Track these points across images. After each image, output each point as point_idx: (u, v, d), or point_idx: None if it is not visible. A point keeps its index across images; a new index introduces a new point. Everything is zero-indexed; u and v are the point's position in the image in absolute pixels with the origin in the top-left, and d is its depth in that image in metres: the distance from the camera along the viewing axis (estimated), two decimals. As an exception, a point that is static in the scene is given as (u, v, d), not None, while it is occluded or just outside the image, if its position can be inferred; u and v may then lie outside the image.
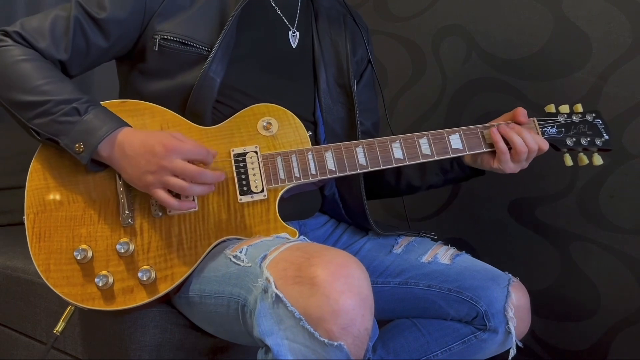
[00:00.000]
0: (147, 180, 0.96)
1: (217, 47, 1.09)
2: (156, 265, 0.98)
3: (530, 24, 1.54)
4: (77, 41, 1.06)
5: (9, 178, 1.79)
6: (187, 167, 0.95)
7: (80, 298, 0.97)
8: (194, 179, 0.96)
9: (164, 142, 0.95)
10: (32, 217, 1.00)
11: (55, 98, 0.98)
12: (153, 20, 1.10)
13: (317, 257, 0.82)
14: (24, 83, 0.99)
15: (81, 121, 0.97)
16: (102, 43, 1.09)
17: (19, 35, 1.04)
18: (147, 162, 0.95)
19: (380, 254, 1.23)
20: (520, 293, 1.15)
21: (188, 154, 0.96)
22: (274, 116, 1.10)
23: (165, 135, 0.97)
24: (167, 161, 0.94)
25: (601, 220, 1.46)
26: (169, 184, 0.95)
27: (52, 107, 0.97)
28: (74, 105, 0.98)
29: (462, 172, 1.23)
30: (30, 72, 1.00)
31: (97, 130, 0.97)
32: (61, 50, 1.06)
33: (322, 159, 1.08)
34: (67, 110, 0.97)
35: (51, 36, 1.05)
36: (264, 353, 0.81)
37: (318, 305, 0.77)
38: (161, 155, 0.94)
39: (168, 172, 0.95)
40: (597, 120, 1.19)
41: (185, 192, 0.97)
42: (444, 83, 1.74)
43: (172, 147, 0.95)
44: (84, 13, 1.07)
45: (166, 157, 0.94)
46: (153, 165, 0.95)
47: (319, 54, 1.24)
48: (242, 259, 0.91)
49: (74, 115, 0.97)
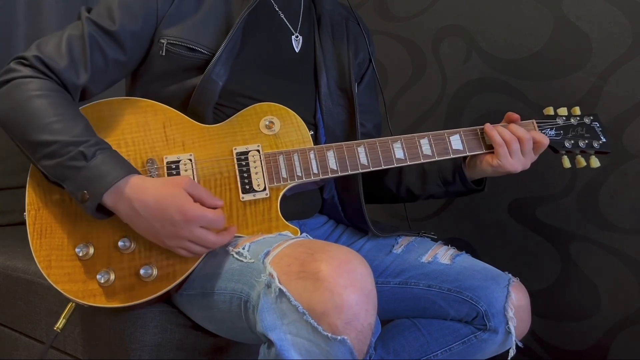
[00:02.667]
0: (165, 243, 0.94)
1: (222, 50, 1.09)
2: (158, 263, 0.98)
3: (530, 24, 1.54)
4: (95, 58, 1.05)
5: (9, 178, 1.78)
6: (207, 238, 0.93)
7: (82, 294, 0.96)
8: (213, 248, 0.96)
9: (182, 208, 0.91)
10: (34, 214, 1.00)
11: (63, 139, 0.93)
12: (160, 25, 1.10)
13: (321, 253, 0.82)
14: (35, 120, 0.96)
15: (87, 167, 0.92)
16: (120, 56, 1.08)
17: (37, 60, 1.01)
18: (163, 227, 0.92)
19: (380, 254, 1.23)
20: (521, 293, 1.15)
21: (207, 225, 0.93)
22: (276, 115, 1.10)
23: (180, 197, 0.92)
24: (187, 232, 0.92)
25: (601, 220, 1.46)
26: (187, 248, 0.94)
27: (59, 148, 0.93)
28: (81, 149, 0.92)
29: (464, 186, 1.23)
30: (43, 109, 0.97)
31: (103, 177, 0.92)
32: (81, 69, 1.04)
33: (324, 158, 1.08)
34: (74, 154, 0.92)
35: (69, 56, 1.03)
36: (267, 348, 0.81)
37: (322, 300, 0.78)
38: (180, 226, 0.91)
39: (186, 239, 0.93)
40: (594, 123, 1.20)
41: (201, 254, 0.97)
42: (444, 83, 1.74)
43: (191, 217, 0.91)
44: (97, 28, 1.05)
45: (185, 228, 0.91)
46: (171, 233, 0.92)
47: (321, 58, 1.25)
48: (244, 256, 0.91)
49: (80, 159, 0.92)
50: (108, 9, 1.07)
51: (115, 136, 1.04)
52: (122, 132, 1.05)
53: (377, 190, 1.33)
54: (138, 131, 1.06)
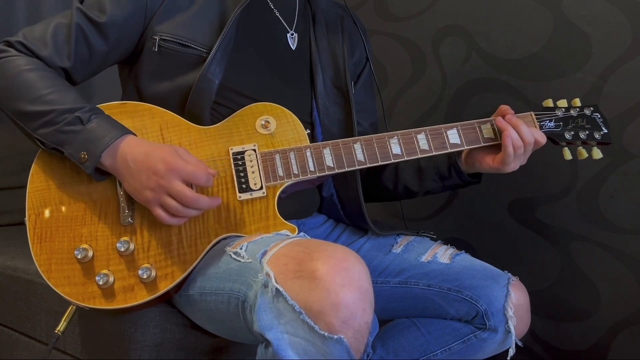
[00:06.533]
0: (146, 196, 0.96)
1: (216, 48, 1.09)
2: (156, 264, 0.98)
3: (530, 24, 1.54)
4: (79, 48, 1.07)
5: (9, 178, 1.79)
6: (183, 192, 0.94)
7: (82, 297, 0.97)
8: (189, 205, 0.95)
9: (167, 159, 0.95)
10: (34, 218, 1.01)
11: (59, 107, 0.98)
12: (153, 21, 1.10)
13: (318, 252, 0.82)
14: (28, 93, 1.00)
15: (84, 130, 0.97)
16: (103, 47, 1.09)
17: (21, 45, 1.05)
18: (148, 177, 0.95)
19: (380, 254, 1.23)
20: (520, 292, 1.15)
21: (187, 177, 0.95)
22: (272, 115, 1.10)
23: (168, 151, 0.97)
24: (166, 181, 0.94)
25: (601, 220, 1.46)
26: (165, 203, 0.95)
27: (55, 116, 0.98)
28: (77, 115, 0.97)
29: (460, 179, 1.23)
30: (34, 81, 1.00)
31: (100, 139, 0.96)
32: (64, 58, 1.06)
33: (320, 155, 1.08)
34: (70, 119, 0.97)
35: (53, 44, 1.05)
36: (264, 348, 0.81)
37: (318, 299, 0.78)
38: (161, 174, 0.94)
39: (165, 192, 0.94)
40: (595, 114, 1.18)
41: (179, 215, 0.96)
42: (444, 83, 1.74)
43: (173, 166, 0.94)
44: (85, 19, 1.07)
45: (165, 177, 0.94)
46: (152, 182, 0.95)
47: (316, 56, 1.25)
48: (242, 255, 0.91)
49: (77, 124, 0.97)
50: (98, 1, 1.08)
51: None
52: None
53: (375, 188, 1.33)
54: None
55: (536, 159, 1.20)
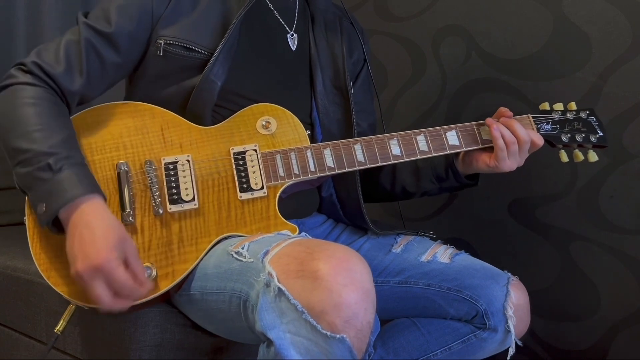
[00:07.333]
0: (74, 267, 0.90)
1: (220, 50, 1.09)
2: (157, 263, 0.98)
3: (530, 24, 1.54)
4: (91, 62, 1.05)
5: (9, 178, 1.77)
6: (100, 300, 0.89)
7: (81, 296, 0.97)
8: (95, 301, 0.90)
9: (102, 252, 0.88)
10: (33, 218, 1.00)
11: (37, 149, 0.93)
12: (158, 25, 1.10)
13: (320, 252, 0.82)
14: (19, 127, 0.97)
15: (51, 180, 0.92)
16: (116, 58, 1.08)
17: (35, 65, 1.02)
18: (82, 259, 0.89)
19: (380, 253, 1.23)
20: (520, 292, 1.15)
21: (113, 285, 0.89)
22: (273, 115, 1.11)
23: (109, 250, 0.88)
24: (87, 274, 0.88)
25: (601, 220, 1.46)
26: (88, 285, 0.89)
27: (32, 157, 0.93)
28: (49, 161, 0.92)
29: (457, 181, 1.24)
30: (29, 117, 0.97)
31: (63, 193, 0.91)
32: (76, 74, 1.04)
33: (321, 156, 1.09)
34: (43, 164, 0.92)
35: (66, 62, 1.03)
36: (266, 347, 0.81)
37: (320, 299, 0.78)
38: (89, 261, 0.88)
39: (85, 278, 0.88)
40: (591, 118, 1.20)
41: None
42: (444, 83, 1.74)
43: (101, 266, 0.87)
44: (93, 32, 1.06)
45: (88, 270, 0.88)
46: (80, 255, 0.89)
47: (315, 57, 1.25)
48: (244, 255, 0.91)
49: (46, 171, 0.92)
50: (104, 11, 1.08)
51: (113, 139, 1.05)
52: (120, 135, 1.06)
53: (372, 189, 1.34)
54: (136, 134, 1.06)
55: (536, 159, 1.20)
